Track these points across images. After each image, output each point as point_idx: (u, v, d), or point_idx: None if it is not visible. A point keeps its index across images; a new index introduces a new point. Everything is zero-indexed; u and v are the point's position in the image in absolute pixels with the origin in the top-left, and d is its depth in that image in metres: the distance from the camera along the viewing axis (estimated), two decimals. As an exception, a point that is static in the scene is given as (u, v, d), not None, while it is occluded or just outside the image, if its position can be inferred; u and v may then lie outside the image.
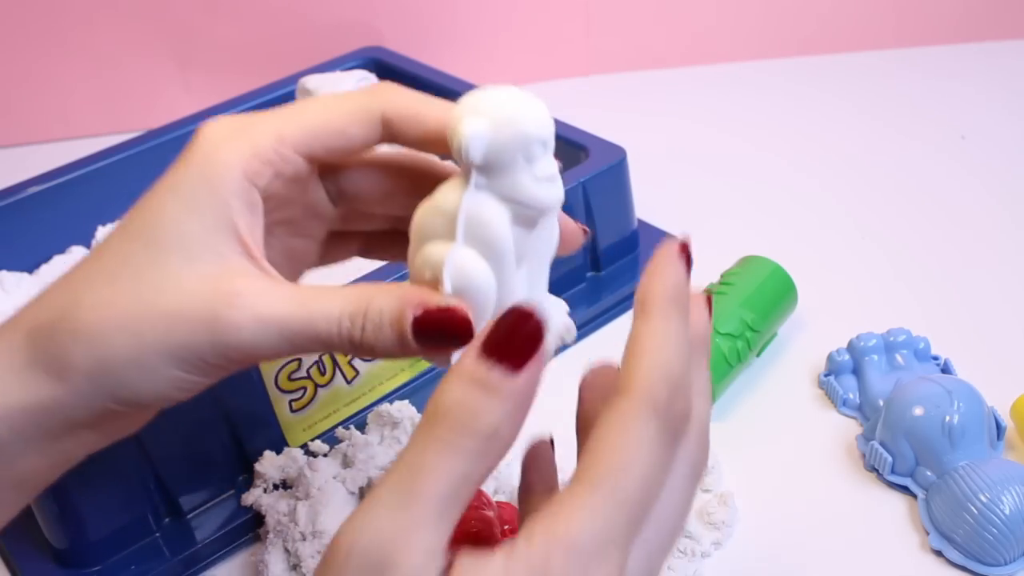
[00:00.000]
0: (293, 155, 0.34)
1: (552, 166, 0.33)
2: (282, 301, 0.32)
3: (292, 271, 0.40)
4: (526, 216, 0.33)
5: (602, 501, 0.27)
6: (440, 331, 0.31)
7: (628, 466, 0.27)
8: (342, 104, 0.35)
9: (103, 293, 0.32)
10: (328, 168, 0.37)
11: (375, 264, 0.53)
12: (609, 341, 0.60)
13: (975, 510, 0.45)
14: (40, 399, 0.32)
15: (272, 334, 0.32)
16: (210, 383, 0.34)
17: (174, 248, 0.32)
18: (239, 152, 0.33)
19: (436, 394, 0.28)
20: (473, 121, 0.31)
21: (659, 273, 0.29)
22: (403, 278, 0.53)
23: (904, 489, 0.49)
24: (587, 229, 0.39)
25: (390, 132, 0.35)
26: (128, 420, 0.36)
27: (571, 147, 0.63)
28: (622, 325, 0.61)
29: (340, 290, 0.33)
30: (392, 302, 0.32)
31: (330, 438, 0.52)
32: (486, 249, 0.32)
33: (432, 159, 0.38)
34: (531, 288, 0.35)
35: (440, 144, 0.34)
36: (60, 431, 0.33)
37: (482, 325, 0.32)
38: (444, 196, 0.33)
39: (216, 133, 0.33)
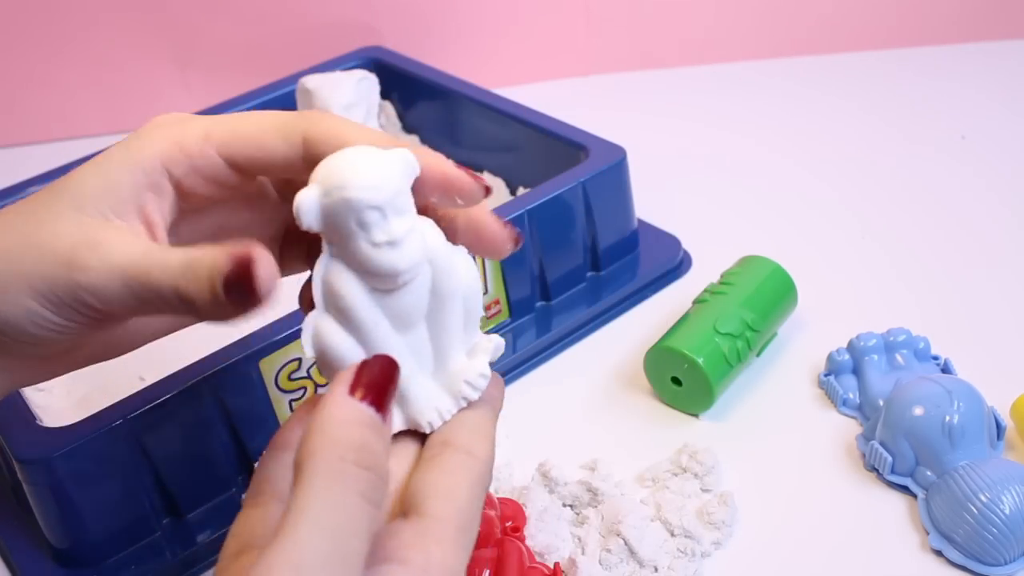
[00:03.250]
0: (213, 155, 0.35)
1: (393, 231, 0.32)
2: (133, 252, 0.33)
3: None
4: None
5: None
6: (239, 281, 0.31)
7: None
8: (267, 118, 0.36)
9: (2, 226, 0.35)
10: (286, 187, 0.38)
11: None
12: (609, 341, 0.60)
13: (975, 510, 0.45)
14: None
15: (116, 280, 0.33)
16: (66, 328, 0.34)
17: (69, 199, 0.34)
18: (164, 139, 0.35)
19: (323, 434, 0.29)
20: (305, 190, 0.31)
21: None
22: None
23: (904, 489, 0.49)
24: (519, 236, 0.37)
25: (311, 154, 0.35)
26: (14, 365, 0.37)
27: (571, 147, 0.63)
28: (622, 325, 0.61)
29: (189, 249, 0.33)
30: (214, 252, 0.32)
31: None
32: (341, 317, 0.33)
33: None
34: (443, 339, 0.34)
35: None
36: None
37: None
38: (317, 263, 0.33)
39: (159, 120, 0.36)
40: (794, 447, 0.52)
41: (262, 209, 0.39)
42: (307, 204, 0.31)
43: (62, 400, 0.56)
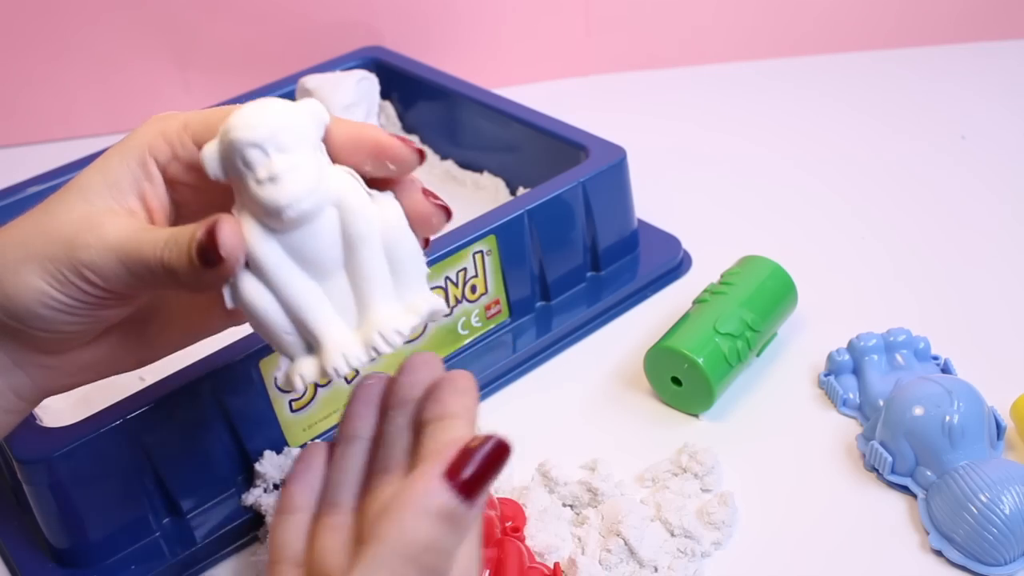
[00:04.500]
0: (189, 142, 0.37)
1: (276, 165, 0.32)
2: (128, 231, 0.36)
3: None
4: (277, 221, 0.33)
5: None
6: (208, 247, 0.33)
7: None
8: (232, 107, 0.38)
9: (18, 220, 0.38)
10: None
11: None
12: (609, 341, 0.60)
13: (975, 510, 0.45)
14: None
15: (112, 256, 0.35)
16: (72, 308, 0.36)
17: (78, 192, 0.37)
18: (151, 131, 0.38)
19: (400, 528, 0.31)
20: (209, 142, 0.33)
21: None
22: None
23: (904, 489, 0.49)
24: (447, 209, 0.37)
25: None
26: (42, 362, 0.39)
27: (571, 147, 0.63)
28: (622, 325, 0.61)
29: (175, 227, 0.36)
30: (194, 226, 0.34)
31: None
32: (251, 263, 0.34)
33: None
34: (363, 288, 0.34)
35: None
36: None
37: (269, 339, 0.35)
38: None
39: (152, 118, 0.38)
40: (794, 447, 0.52)
41: None
42: (208, 153, 0.34)
43: (62, 400, 0.56)
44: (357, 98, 0.70)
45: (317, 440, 0.38)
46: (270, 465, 0.49)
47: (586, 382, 0.57)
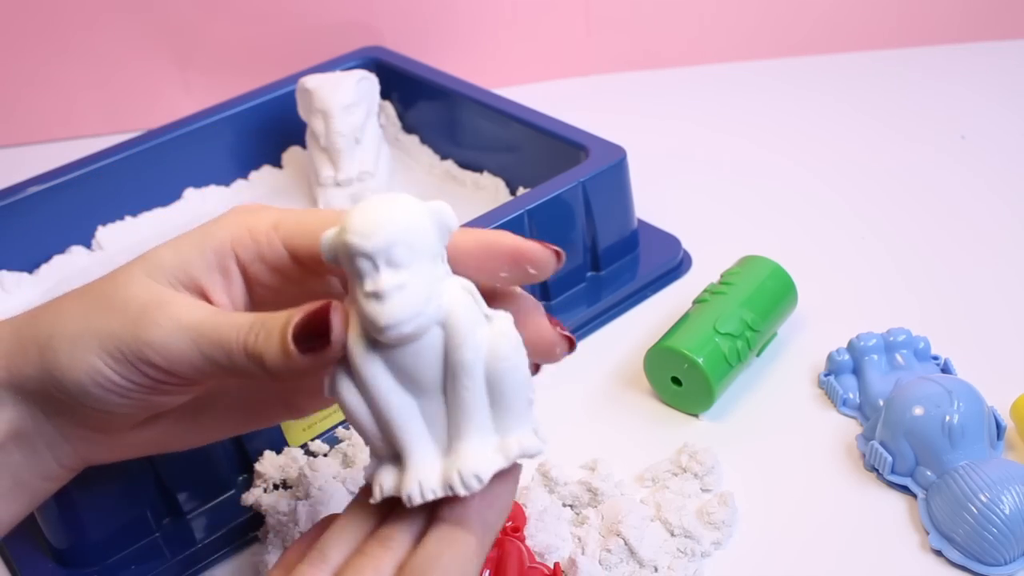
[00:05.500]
0: (279, 244, 0.36)
1: (383, 281, 0.30)
2: (202, 310, 0.34)
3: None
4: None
5: None
6: (310, 330, 0.32)
7: None
8: (333, 215, 0.36)
9: (80, 289, 0.36)
10: None
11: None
12: (609, 341, 0.60)
13: (975, 510, 0.45)
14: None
15: (184, 338, 0.33)
16: (126, 391, 0.35)
17: (142, 267, 0.35)
18: (237, 224, 0.36)
19: None
20: (329, 230, 0.32)
21: None
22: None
23: (904, 489, 0.49)
24: (572, 339, 0.35)
25: None
26: (75, 436, 0.37)
27: (571, 147, 0.63)
28: (622, 325, 0.61)
29: (258, 313, 0.34)
30: (288, 313, 0.33)
31: (330, 438, 0.52)
32: (350, 367, 0.32)
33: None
34: (457, 416, 0.33)
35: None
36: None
37: (361, 436, 0.33)
38: None
39: (237, 208, 0.37)
40: (794, 447, 0.52)
41: None
42: (325, 241, 0.32)
43: (62, 400, 0.56)
44: (357, 98, 0.70)
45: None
46: (270, 465, 0.49)
47: (586, 382, 0.57)
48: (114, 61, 0.88)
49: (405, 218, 0.31)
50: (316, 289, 0.37)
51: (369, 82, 0.72)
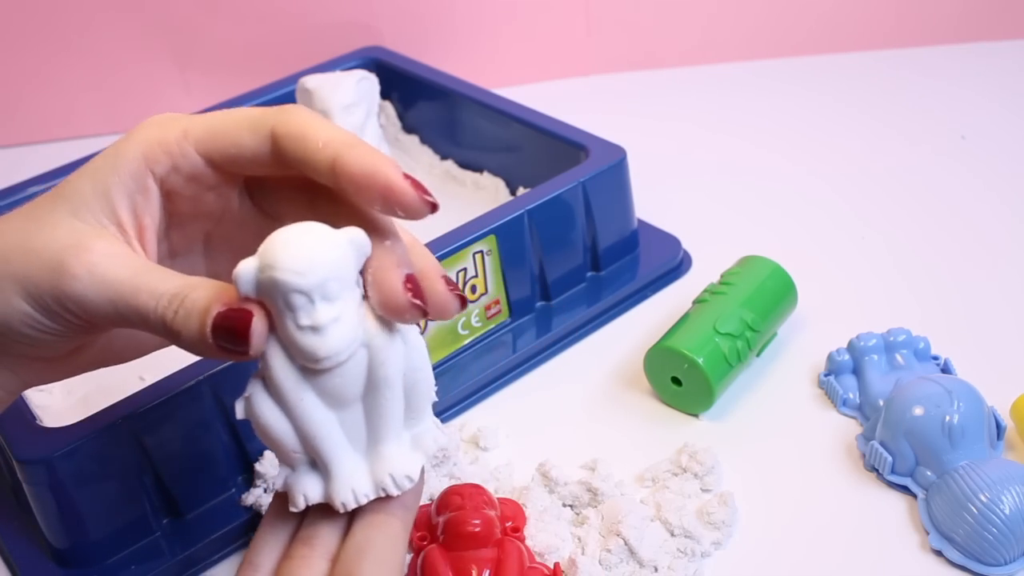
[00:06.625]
0: (192, 152, 0.35)
1: (320, 316, 0.31)
2: (122, 268, 0.34)
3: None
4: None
5: None
6: (230, 332, 0.32)
7: None
8: (241, 114, 0.36)
9: (5, 222, 0.36)
10: (257, 186, 0.38)
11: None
12: (609, 341, 0.60)
13: (975, 510, 0.45)
14: None
15: (101, 294, 0.33)
16: (56, 331, 0.35)
17: (65, 204, 0.35)
18: (147, 139, 0.36)
19: None
20: (246, 260, 0.32)
21: None
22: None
23: (904, 489, 0.49)
24: (423, 308, 0.34)
25: (278, 148, 0.35)
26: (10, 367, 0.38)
27: (571, 147, 0.63)
28: (622, 325, 0.61)
29: (177, 276, 0.34)
30: (208, 295, 0.33)
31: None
32: (270, 385, 0.33)
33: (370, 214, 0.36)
34: (378, 424, 0.35)
35: (322, 168, 0.34)
36: None
37: (273, 450, 0.34)
38: None
39: (146, 123, 0.36)
40: (794, 447, 0.52)
41: (244, 220, 0.39)
42: (244, 275, 0.32)
43: (62, 400, 0.56)
44: (357, 98, 0.70)
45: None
46: (270, 465, 0.49)
47: (586, 382, 0.57)
48: (114, 61, 0.88)
49: (334, 252, 0.32)
50: (231, 194, 0.38)
51: (369, 82, 0.72)
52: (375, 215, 0.35)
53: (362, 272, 0.34)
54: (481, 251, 0.56)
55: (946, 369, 0.55)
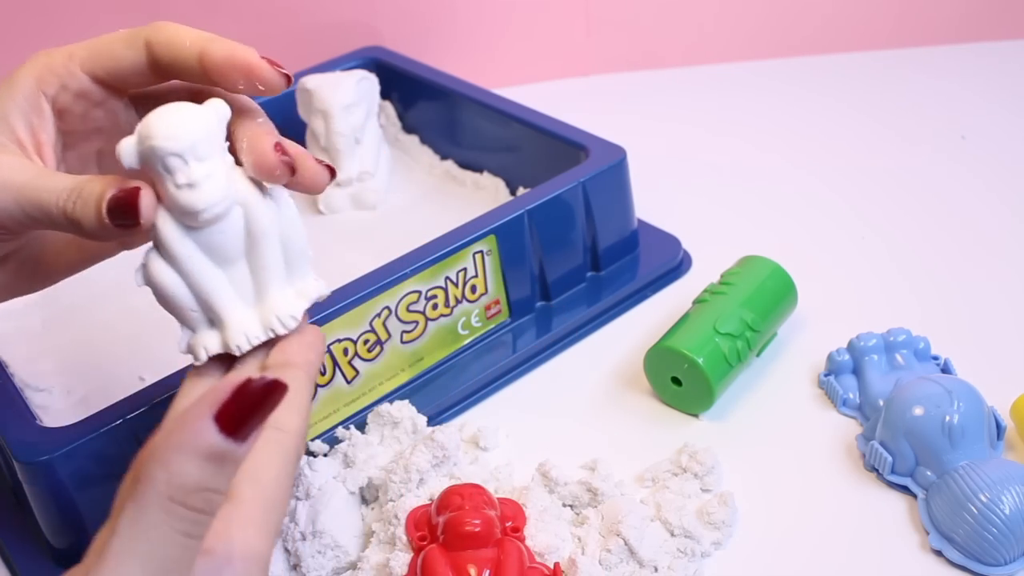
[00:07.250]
0: (78, 71, 0.40)
1: (194, 173, 0.36)
2: (24, 173, 0.38)
3: None
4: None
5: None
6: (122, 208, 0.35)
7: None
8: (118, 32, 0.41)
9: None
10: (142, 102, 0.42)
11: (361, 269, 0.54)
12: (609, 341, 0.60)
13: (975, 510, 0.45)
14: None
15: (9, 198, 0.37)
16: None
17: None
18: (37, 65, 0.40)
19: (167, 470, 0.29)
20: (127, 138, 0.36)
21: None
22: (386, 287, 0.53)
23: (904, 489, 0.49)
24: (288, 164, 0.38)
25: (153, 58, 0.39)
26: None
27: (571, 147, 0.63)
28: (622, 325, 0.61)
29: (74, 176, 0.37)
30: (102, 183, 0.36)
31: (330, 438, 0.52)
32: (162, 251, 0.37)
33: (240, 99, 0.40)
34: (262, 275, 0.38)
35: (192, 64, 0.39)
36: None
37: (173, 313, 0.39)
38: None
39: (36, 54, 0.40)
40: (794, 447, 0.52)
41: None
42: (125, 150, 0.36)
43: (62, 400, 0.56)
44: (357, 98, 0.70)
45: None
46: (270, 465, 0.49)
47: (586, 382, 0.57)
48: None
49: (201, 118, 0.36)
50: (118, 107, 0.42)
51: (369, 82, 0.72)
52: (245, 100, 0.39)
53: (234, 142, 0.38)
54: (481, 251, 0.56)
55: (946, 369, 0.55)
